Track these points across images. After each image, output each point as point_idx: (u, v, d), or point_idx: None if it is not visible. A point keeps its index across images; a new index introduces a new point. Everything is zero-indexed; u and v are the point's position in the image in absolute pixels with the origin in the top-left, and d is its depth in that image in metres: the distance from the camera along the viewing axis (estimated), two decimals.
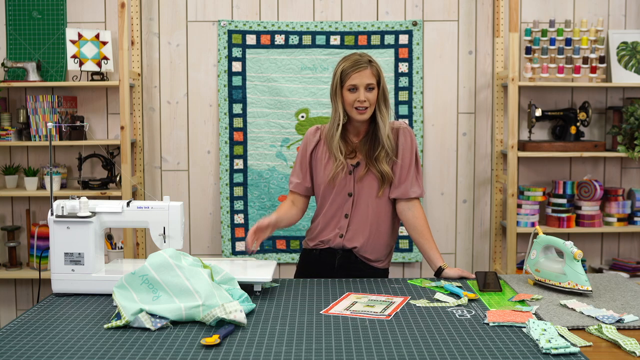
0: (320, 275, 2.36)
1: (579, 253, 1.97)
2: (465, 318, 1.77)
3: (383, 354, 1.49)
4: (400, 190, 2.33)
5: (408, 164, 2.33)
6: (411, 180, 2.33)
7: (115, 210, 2.07)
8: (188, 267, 1.79)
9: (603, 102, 3.65)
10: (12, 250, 3.48)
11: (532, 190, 3.49)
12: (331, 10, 3.56)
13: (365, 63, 2.26)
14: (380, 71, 2.30)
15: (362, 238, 2.35)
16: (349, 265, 2.37)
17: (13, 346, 1.55)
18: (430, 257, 2.31)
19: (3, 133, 3.38)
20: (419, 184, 2.35)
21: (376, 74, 2.28)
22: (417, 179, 2.34)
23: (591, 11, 3.60)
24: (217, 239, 3.63)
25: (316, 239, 2.42)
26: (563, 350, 1.48)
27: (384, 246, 2.40)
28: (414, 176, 2.33)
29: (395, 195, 2.34)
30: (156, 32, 3.57)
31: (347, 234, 2.36)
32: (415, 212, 2.33)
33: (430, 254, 2.31)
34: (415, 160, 2.35)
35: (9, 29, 3.52)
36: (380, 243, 2.38)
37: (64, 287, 2.01)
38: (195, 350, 1.52)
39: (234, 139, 3.53)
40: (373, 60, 2.29)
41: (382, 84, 2.30)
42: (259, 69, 3.51)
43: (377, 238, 2.37)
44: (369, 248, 2.37)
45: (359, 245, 2.36)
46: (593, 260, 3.70)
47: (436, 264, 2.28)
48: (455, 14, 3.58)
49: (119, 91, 3.37)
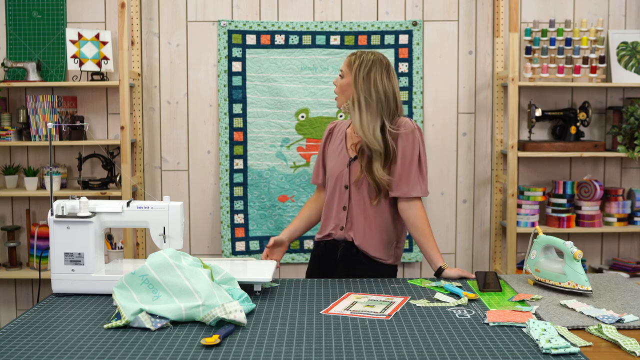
0: (324, 268, 2.41)
1: (579, 253, 1.97)
2: (465, 318, 1.77)
3: (383, 354, 1.49)
4: (401, 190, 2.31)
5: (409, 164, 2.30)
6: (413, 179, 2.30)
7: (115, 210, 2.07)
8: (188, 267, 1.79)
9: (603, 102, 3.65)
10: (12, 250, 3.48)
11: (532, 190, 3.49)
12: (331, 10, 3.56)
13: (350, 54, 2.37)
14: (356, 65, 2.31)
15: (360, 231, 2.36)
16: (350, 259, 2.37)
17: (13, 346, 1.55)
18: (431, 257, 2.30)
19: (3, 133, 3.38)
20: (421, 183, 2.32)
21: (349, 64, 2.33)
22: (419, 178, 2.32)
23: (591, 11, 3.60)
24: (217, 239, 3.63)
25: (322, 232, 2.46)
26: (563, 350, 1.48)
27: (382, 242, 2.38)
28: (416, 175, 2.31)
29: (396, 194, 2.32)
30: (156, 32, 3.57)
31: (346, 226, 2.38)
32: (417, 212, 2.31)
33: (430, 253, 2.30)
34: (419, 159, 2.32)
35: (9, 29, 3.52)
36: (378, 238, 2.37)
37: (64, 287, 2.01)
38: (195, 350, 1.52)
39: (234, 139, 3.53)
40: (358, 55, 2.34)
41: (357, 78, 2.30)
42: (259, 69, 3.51)
43: (374, 233, 2.36)
44: (366, 242, 2.36)
45: (357, 238, 2.36)
46: (593, 260, 3.70)
47: (436, 264, 2.27)
48: (455, 14, 3.58)
49: (119, 91, 3.37)
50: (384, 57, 2.37)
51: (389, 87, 2.32)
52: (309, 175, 3.53)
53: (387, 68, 2.34)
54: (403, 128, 2.31)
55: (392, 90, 2.32)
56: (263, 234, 3.57)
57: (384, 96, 2.30)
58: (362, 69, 2.31)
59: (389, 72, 2.34)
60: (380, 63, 2.34)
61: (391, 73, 2.35)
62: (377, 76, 2.31)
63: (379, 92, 2.30)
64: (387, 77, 2.33)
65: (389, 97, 2.31)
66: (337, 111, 3.51)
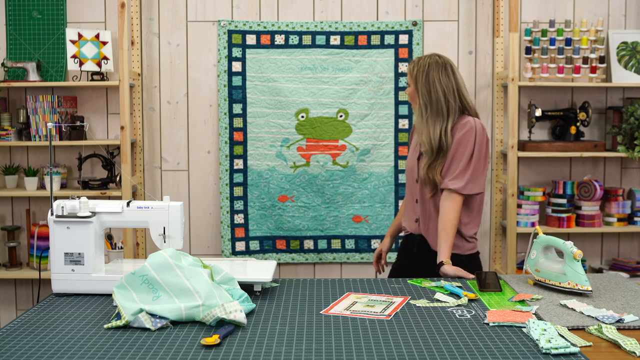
0: (405, 261, 2.54)
1: (579, 253, 1.97)
2: (465, 318, 1.77)
3: (383, 354, 1.49)
4: (443, 180, 2.35)
5: (458, 158, 2.33)
6: (456, 173, 2.32)
7: (115, 210, 2.07)
8: (188, 267, 1.79)
9: (603, 102, 3.65)
10: (12, 250, 3.48)
11: (532, 190, 3.49)
12: (331, 10, 3.56)
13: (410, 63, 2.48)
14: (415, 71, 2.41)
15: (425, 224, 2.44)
16: (426, 252, 2.43)
17: (13, 346, 1.55)
18: (439, 250, 2.32)
19: (3, 133, 3.38)
20: (462, 179, 2.31)
21: (410, 72, 2.44)
22: (462, 173, 2.32)
23: (591, 11, 3.60)
24: (217, 239, 3.63)
25: (403, 225, 2.57)
26: (563, 350, 1.48)
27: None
28: (461, 171, 2.32)
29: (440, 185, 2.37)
30: (156, 32, 3.57)
31: (420, 219, 2.46)
32: (447, 204, 2.32)
33: (440, 246, 2.32)
34: (470, 157, 2.33)
35: (9, 29, 3.52)
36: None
37: (64, 287, 2.01)
38: (195, 350, 1.52)
39: (234, 139, 3.53)
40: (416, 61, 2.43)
41: (418, 84, 2.39)
42: (259, 69, 3.51)
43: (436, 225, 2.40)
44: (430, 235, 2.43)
45: (423, 230, 2.45)
46: (593, 260, 3.70)
47: (439, 259, 2.30)
48: (455, 14, 3.58)
49: (119, 91, 3.37)
50: (440, 57, 2.42)
51: (448, 85, 2.36)
52: (309, 175, 3.54)
53: (444, 67, 2.38)
54: (461, 127, 2.35)
55: (452, 88, 2.37)
56: (263, 234, 3.57)
57: (443, 96, 2.35)
58: (420, 74, 2.39)
59: (446, 71, 2.38)
60: (437, 64, 2.39)
61: (449, 71, 2.38)
62: (435, 77, 2.36)
63: (438, 93, 2.35)
64: (446, 75, 2.37)
65: (448, 95, 2.35)
66: (337, 111, 3.52)
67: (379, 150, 3.54)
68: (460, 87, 2.38)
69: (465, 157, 2.32)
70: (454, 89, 2.37)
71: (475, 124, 2.35)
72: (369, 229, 3.58)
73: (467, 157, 2.32)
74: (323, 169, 3.53)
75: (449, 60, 2.42)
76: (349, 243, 3.59)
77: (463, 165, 2.32)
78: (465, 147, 2.32)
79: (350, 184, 3.55)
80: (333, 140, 3.53)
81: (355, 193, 3.56)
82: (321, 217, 3.56)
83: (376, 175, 3.56)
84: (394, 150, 3.55)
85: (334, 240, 3.59)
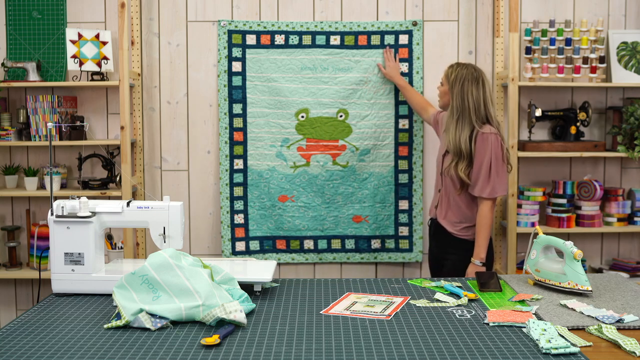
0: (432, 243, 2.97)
1: (579, 253, 1.97)
2: (465, 318, 1.77)
3: (383, 354, 1.49)
4: (473, 190, 2.73)
5: (480, 167, 2.69)
6: (481, 182, 2.70)
7: (115, 210, 2.07)
8: (188, 267, 1.79)
9: (603, 102, 3.65)
10: (12, 250, 3.48)
11: (532, 190, 3.49)
12: (331, 10, 3.56)
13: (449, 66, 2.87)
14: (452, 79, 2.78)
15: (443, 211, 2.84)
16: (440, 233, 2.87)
17: (13, 346, 1.55)
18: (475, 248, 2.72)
19: (3, 133, 3.38)
20: (485, 185, 2.70)
21: (447, 76, 2.83)
22: (487, 181, 2.69)
23: (591, 11, 3.60)
24: (217, 239, 3.63)
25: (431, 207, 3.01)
26: (563, 350, 1.48)
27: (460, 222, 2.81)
28: (484, 179, 2.69)
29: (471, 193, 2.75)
30: (156, 32, 3.57)
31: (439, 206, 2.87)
32: (481, 210, 2.73)
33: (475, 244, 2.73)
34: (491, 164, 2.69)
35: (9, 29, 3.52)
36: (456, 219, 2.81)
37: (64, 287, 2.01)
38: (195, 350, 1.52)
39: (234, 139, 3.53)
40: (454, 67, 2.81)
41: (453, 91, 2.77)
42: (259, 69, 3.51)
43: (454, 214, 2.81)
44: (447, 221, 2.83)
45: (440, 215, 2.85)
46: (593, 260, 3.70)
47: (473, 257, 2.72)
48: (455, 14, 3.58)
49: (119, 91, 3.37)
50: (475, 70, 2.79)
51: (478, 98, 2.74)
52: (309, 175, 3.54)
53: (476, 80, 2.76)
54: (481, 139, 2.70)
55: (481, 100, 2.74)
56: (263, 234, 3.57)
57: (475, 106, 2.73)
58: (457, 83, 2.77)
59: (478, 84, 2.75)
60: (472, 76, 2.76)
61: (480, 85, 2.76)
62: (468, 89, 2.74)
63: (469, 103, 2.73)
64: (477, 89, 2.75)
65: (479, 106, 2.74)
66: (337, 111, 3.52)
67: (379, 150, 3.54)
68: (487, 100, 2.75)
69: (485, 165, 2.69)
70: (483, 101, 2.74)
71: (490, 137, 2.71)
72: (369, 229, 3.58)
73: (487, 165, 2.69)
74: (323, 169, 3.53)
75: (483, 73, 2.79)
76: (349, 243, 3.59)
77: (485, 173, 2.69)
78: (484, 156, 2.69)
79: (350, 184, 3.55)
80: (333, 140, 3.53)
81: (355, 193, 3.56)
82: (321, 217, 3.56)
83: (376, 175, 3.56)
84: (394, 150, 3.55)
85: (334, 240, 3.59)
